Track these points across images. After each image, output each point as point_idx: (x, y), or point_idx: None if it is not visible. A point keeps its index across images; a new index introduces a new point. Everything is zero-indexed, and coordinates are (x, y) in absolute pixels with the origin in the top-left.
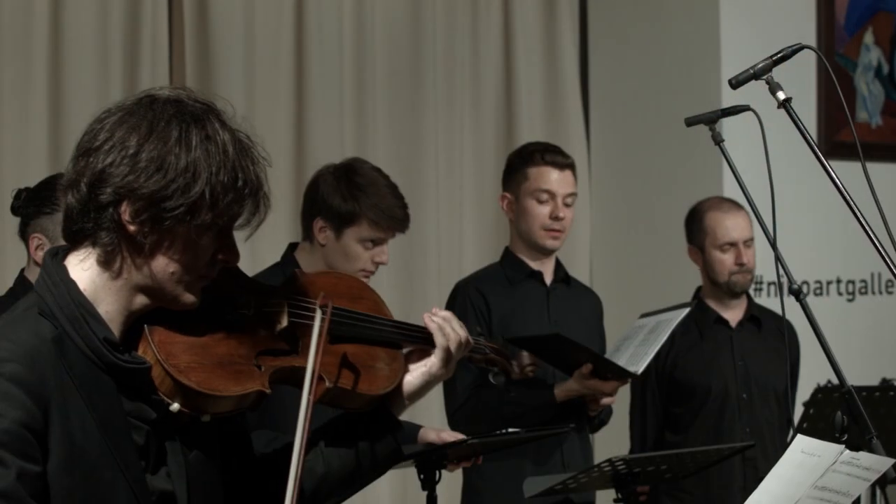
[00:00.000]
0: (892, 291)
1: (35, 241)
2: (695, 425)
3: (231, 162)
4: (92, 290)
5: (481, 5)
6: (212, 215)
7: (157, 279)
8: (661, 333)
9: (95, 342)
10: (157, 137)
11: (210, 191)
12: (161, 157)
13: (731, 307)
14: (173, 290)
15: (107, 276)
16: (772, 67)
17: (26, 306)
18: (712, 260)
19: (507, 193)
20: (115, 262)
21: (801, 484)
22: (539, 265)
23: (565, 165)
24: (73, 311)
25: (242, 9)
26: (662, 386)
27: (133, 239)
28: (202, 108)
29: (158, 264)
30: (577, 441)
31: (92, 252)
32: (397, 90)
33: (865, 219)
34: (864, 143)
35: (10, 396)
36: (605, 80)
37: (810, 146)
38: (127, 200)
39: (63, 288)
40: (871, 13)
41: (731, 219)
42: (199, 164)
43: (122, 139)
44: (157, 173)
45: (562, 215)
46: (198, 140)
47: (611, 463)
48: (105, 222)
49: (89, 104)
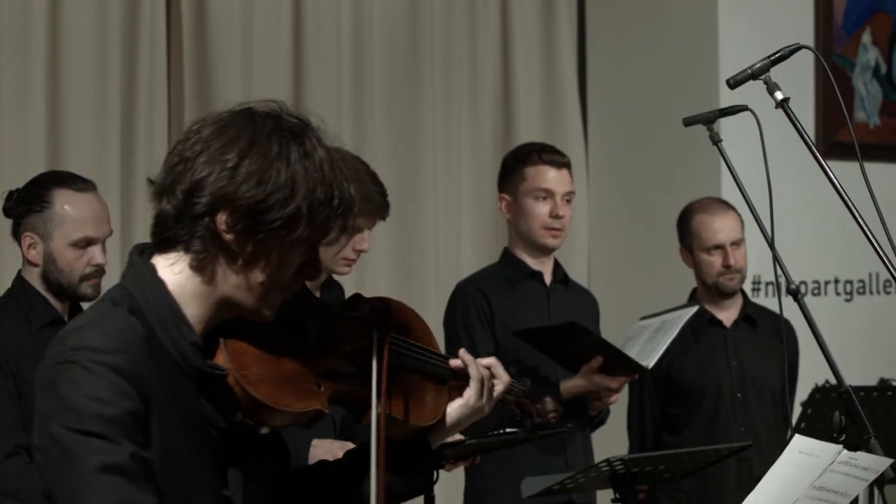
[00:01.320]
0: (890, 291)
1: (27, 240)
2: (690, 426)
3: (328, 179)
4: (179, 294)
5: (479, 4)
6: (308, 231)
7: (245, 290)
8: (669, 331)
9: (183, 345)
10: (257, 151)
11: (308, 206)
12: (261, 170)
13: (725, 307)
14: (257, 302)
15: (198, 282)
16: (770, 67)
17: (113, 300)
18: (700, 262)
19: (505, 195)
20: (208, 269)
21: (799, 484)
22: (539, 265)
23: (562, 164)
24: (163, 312)
25: (241, 8)
26: (659, 387)
27: (227, 248)
28: (299, 125)
29: (249, 275)
30: (579, 441)
31: (183, 257)
32: (395, 88)
33: (863, 219)
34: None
35: (116, 386)
36: (603, 79)
37: (808, 146)
38: (224, 210)
39: (155, 289)
40: (869, 13)
41: (718, 221)
42: (298, 179)
43: (222, 150)
44: (257, 186)
45: (562, 213)
46: (297, 156)
47: (609, 463)
48: (200, 230)
49: (87, 105)
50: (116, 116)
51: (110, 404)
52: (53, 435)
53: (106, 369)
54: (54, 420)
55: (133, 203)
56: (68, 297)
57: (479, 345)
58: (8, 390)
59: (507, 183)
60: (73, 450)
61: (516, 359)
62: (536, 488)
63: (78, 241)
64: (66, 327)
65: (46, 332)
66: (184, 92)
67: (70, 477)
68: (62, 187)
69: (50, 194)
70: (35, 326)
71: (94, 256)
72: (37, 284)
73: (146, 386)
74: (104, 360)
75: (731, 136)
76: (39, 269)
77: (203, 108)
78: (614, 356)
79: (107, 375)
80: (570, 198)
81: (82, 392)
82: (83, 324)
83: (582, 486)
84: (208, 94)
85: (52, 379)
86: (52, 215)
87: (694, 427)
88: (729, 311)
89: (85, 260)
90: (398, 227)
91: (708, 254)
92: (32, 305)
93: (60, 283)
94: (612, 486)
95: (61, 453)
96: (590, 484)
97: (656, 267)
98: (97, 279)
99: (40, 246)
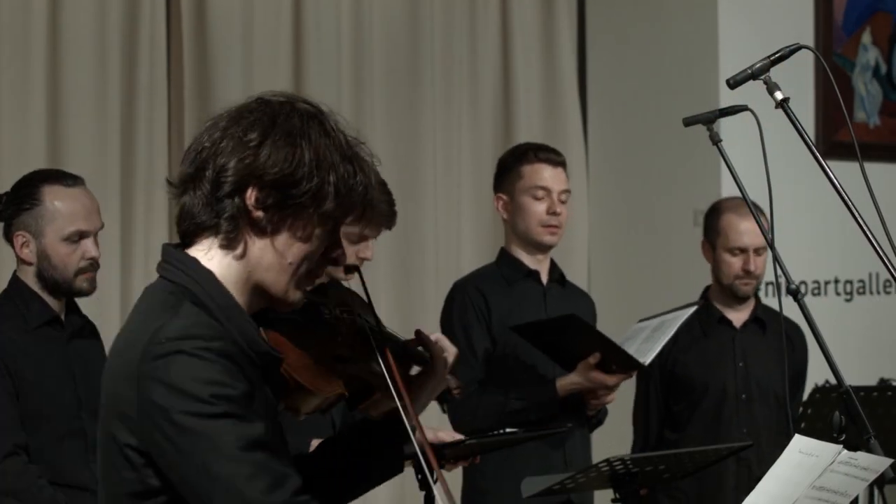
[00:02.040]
0: (889, 291)
1: (20, 238)
2: (692, 423)
3: (350, 156)
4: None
5: (479, 4)
6: (334, 205)
7: (277, 271)
8: (667, 330)
9: (251, 331)
10: (280, 128)
11: (334, 179)
12: (286, 144)
13: (737, 309)
14: (287, 284)
15: (235, 267)
16: (770, 67)
17: (173, 295)
18: (720, 260)
19: (502, 194)
20: (239, 248)
21: (798, 484)
22: (536, 264)
23: (558, 163)
24: (226, 301)
25: (241, 8)
26: (663, 383)
27: (258, 225)
28: (314, 109)
29: (279, 252)
30: (578, 440)
31: (214, 242)
32: (395, 89)
33: (863, 219)
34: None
35: (228, 369)
36: (603, 79)
37: (808, 146)
38: (252, 187)
39: (210, 280)
40: (869, 13)
41: (745, 224)
42: (323, 152)
43: (244, 132)
44: (283, 160)
45: (559, 211)
46: (318, 133)
47: (609, 463)
48: (229, 210)
49: (87, 105)
50: (116, 116)
51: (229, 386)
52: (180, 425)
53: (214, 354)
54: (176, 411)
55: (133, 203)
56: (64, 293)
57: (476, 343)
58: (7, 390)
59: (504, 182)
60: (206, 434)
61: (514, 357)
62: (536, 488)
63: (70, 235)
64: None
65: (43, 332)
66: (184, 92)
67: (211, 462)
68: (51, 184)
69: (39, 192)
70: (31, 326)
71: (88, 250)
72: (32, 284)
73: (245, 368)
74: (210, 346)
75: (731, 136)
76: (34, 267)
77: (203, 108)
78: (612, 352)
79: (217, 360)
80: (566, 197)
81: (200, 378)
82: (164, 320)
83: (582, 486)
84: (208, 94)
85: (157, 374)
86: (43, 212)
87: (696, 425)
88: (740, 313)
89: (79, 254)
90: (398, 227)
91: (731, 254)
92: (29, 305)
93: (55, 279)
94: (612, 487)
95: (194, 442)
96: (590, 484)
97: (656, 267)
98: (92, 273)
99: (33, 244)
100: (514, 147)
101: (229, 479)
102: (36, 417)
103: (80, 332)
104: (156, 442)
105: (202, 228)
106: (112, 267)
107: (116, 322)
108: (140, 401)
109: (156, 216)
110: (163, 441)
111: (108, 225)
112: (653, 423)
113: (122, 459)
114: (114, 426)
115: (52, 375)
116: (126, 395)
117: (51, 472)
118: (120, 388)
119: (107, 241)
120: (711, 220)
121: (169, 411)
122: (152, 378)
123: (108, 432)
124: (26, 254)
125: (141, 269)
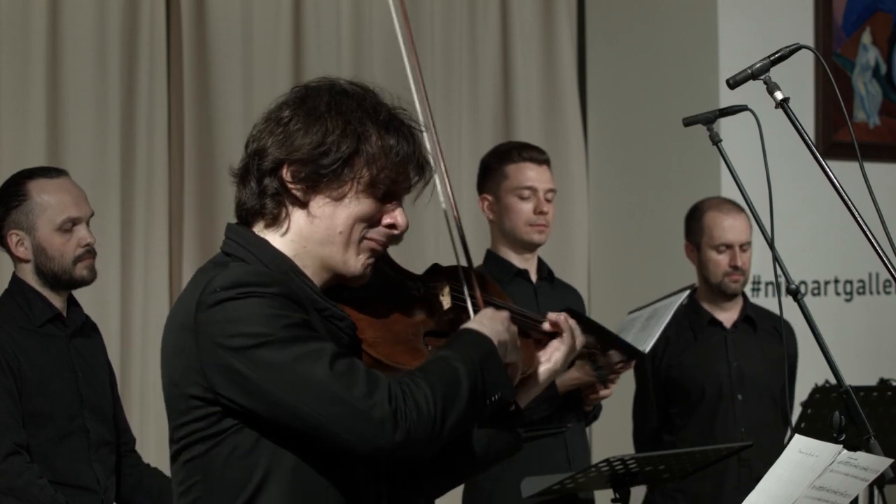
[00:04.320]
0: (889, 291)
1: (13, 237)
2: (689, 426)
3: (385, 123)
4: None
5: (479, 5)
6: (368, 173)
7: (328, 243)
8: (662, 316)
9: (308, 290)
10: (308, 105)
11: (366, 147)
12: (314, 119)
13: (726, 308)
14: (343, 253)
15: (288, 242)
16: (769, 67)
17: (229, 260)
18: (706, 259)
19: (487, 195)
20: (284, 223)
21: (798, 484)
22: (524, 263)
23: (542, 161)
24: (282, 265)
25: (240, 8)
26: (659, 387)
27: (298, 201)
28: (351, 86)
29: (325, 223)
30: (579, 438)
31: (262, 222)
32: (395, 90)
33: (863, 219)
34: (861, 144)
35: (288, 304)
36: (602, 79)
37: (808, 146)
38: (287, 164)
39: (268, 249)
40: (869, 13)
41: (729, 220)
42: (352, 122)
43: (277, 112)
44: (309, 134)
45: (545, 210)
46: (349, 107)
47: (609, 463)
48: (269, 189)
49: (87, 104)
50: (116, 116)
51: (290, 316)
52: (255, 360)
53: (271, 296)
54: (245, 347)
55: (133, 203)
56: (65, 285)
57: None
58: (8, 389)
59: (489, 183)
60: (284, 363)
61: None
62: (536, 488)
63: (63, 223)
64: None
65: (45, 331)
66: (184, 92)
67: (299, 386)
68: (35, 178)
69: (25, 188)
70: (35, 324)
71: (83, 237)
72: (32, 282)
73: (306, 307)
74: (266, 291)
75: (731, 136)
76: (31, 264)
77: (203, 108)
78: (610, 343)
79: (275, 298)
80: (552, 196)
81: (261, 314)
82: (215, 273)
83: (582, 487)
84: (208, 94)
85: (215, 317)
86: (32, 206)
87: (693, 427)
88: (729, 313)
89: (74, 242)
90: None
91: (717, 251)
92: (31, 304)
93: (54, 271)
94: (612, 487)
95: (272, 373)
96: (589, 484)
97: (656, 266)
98: (90, 259)
99: (27, 240)
100: (495, 147)
101: (329, 394)
102: (38, 416)
103: (82, 329)
104: (229, 382)
105: (252, 214)
106: (112, 266)
107: (117, 319)
108: (200, 347)
109: (156, 216)
110: (238, 379)
111: (108, 225)
112: (649, 428)
113: (187, 408)
114: (175, 377)
115: (55, 374)
116: (187, 346)
117: (52, 471)
118: (180, 340)
119: (107, 240)
120: (694, 221)
121: (239, 349)
122: (212, 323)
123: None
124: (22, 251)
125: (141, 268)
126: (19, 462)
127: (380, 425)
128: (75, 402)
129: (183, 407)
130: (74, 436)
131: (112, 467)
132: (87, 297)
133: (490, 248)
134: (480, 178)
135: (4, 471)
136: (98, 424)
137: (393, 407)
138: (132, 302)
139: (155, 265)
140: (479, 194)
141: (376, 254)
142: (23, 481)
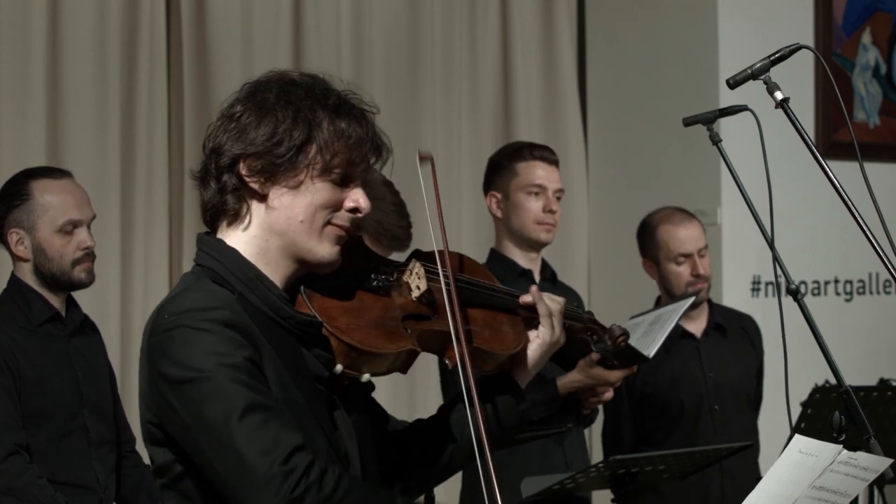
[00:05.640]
0: (889, 291)
1: (13, 236)
2: (668, 441)
3: (333, 108)
4: (250, 257)
5: (479, 4)
6: (322, 159)
7: (292, 232)
8: (667, 322)
9: (272, 298)
10: (258, 98)
11: (318, 133)
12: (265, 111)
13: (693, 318)
14: (307, 241)
15: (252, 238)
16: (769, 67)
17: (195, 275)
18: (668, 273)
19: (495, 192)
20: (246, 217)
21: (798, 484)
22: (529, 263)
23: (552, 161)
24: (247, 273)
25: (240, 8)
26: (634, 403)
27: (257, 194)
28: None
29: (285, 213)
30: (577, 438)
31: (226, 220)
32: (395, 90)
33: (863, 219)
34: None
35: (231, 338)
36: (602, 79)
37: (808, 146)
38: (243, 159)
39: (231, 256)
40: (869, 13)
41: (683, 230)
42: (302, 110)
43: (228, 110)
44: (261, 126)
45: (554, 208)
46: (298, 95)
47: (609, 463)
48: (229, 186)
49: (87, 103)
50: (116, 116)
51: (229, 355)
52: (183, 395)
53: (215, 324)
54: (179, 381)
55: (133, 203)
56: (63, 286)
57: None
58: (8, 389)
59: (497, 180)
60: (207, 402)
61: None
62: (536, 488)
63: (63, 225)
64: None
65: (45, 331)
66: (184, 92)
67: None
68: (39, 178)
69: (28, 187)
70: (34, 324)
71: (83, 240)
72: (31, 282)
73: (253, 336)
74: (211, 317)
75: (731, 136)
76: (30, 264)
77: (203, 108)
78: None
79: (218, 330)
80: (561, 195)
81: (200, 350)
82: (173, 295)
83: (581, 487)
84: (208, 94)
85: (161, 346)
86: (34, 206)
87: (674, 441)
88: (697, 322)
89: (73, 245)
90: None
91: (676, 263)
92: (30, 304)
93: (53, 272)
94: (612, 487)
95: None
96: (589, 484)
97: None
98: (89, 262)
99: (27, 240)
100: (506, 145)
101: (229, 444)
102: (38, 416)
103: (81, 328)
104: (165, 412)
105: (217, 212)
106: (112, 266)
107: (117, 319)
108: (150, 373)
109: (156, 216)
110: (170, 412)
111: (108, 225)
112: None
113: (147, 433)
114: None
115: (54, 374)
116: (141, 370)
117: (52, 470)
118: (141, 359)
119: (107, 240)
120: (647, 237)
121: (173, 382)
122: (157, 351)
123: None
124: (21, 250)
125: (141, 268)
126: (19, 462)
127: (264, 484)
128: (75, 400)
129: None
130: (74, 435)
131: (112, 466)
132: (87, 297)
133: (494, 248)
134: (488, 175)
135: (4, 471)
136: (98, 423)
137: (287, 469)
138: (132, 302)
139: (155, 265)
140: (485, 192)
141: (342, 239)
142: (23, 481)
